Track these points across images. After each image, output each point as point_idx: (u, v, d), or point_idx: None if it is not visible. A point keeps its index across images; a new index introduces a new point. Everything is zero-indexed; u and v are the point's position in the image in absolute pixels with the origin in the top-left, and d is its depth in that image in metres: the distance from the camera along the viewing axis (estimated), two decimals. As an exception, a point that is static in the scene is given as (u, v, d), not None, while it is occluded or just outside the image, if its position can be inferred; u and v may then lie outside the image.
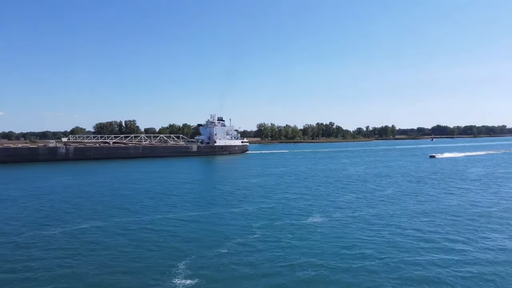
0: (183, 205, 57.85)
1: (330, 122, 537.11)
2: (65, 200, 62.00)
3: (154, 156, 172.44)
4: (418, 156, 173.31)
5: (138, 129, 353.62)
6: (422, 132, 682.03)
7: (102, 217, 49.33)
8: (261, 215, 50.14)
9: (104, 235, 41.11)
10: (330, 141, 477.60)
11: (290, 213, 51.27)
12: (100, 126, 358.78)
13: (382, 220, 46.70)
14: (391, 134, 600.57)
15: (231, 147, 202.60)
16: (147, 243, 38.03)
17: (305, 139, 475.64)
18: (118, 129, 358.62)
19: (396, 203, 57.62)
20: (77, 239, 39.66)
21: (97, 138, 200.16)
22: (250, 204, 57.96)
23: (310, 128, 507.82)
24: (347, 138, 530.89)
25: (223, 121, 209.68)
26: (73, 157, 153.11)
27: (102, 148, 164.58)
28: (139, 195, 67.34)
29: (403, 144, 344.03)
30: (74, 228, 44.02)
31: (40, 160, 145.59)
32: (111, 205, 58.04)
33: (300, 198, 62.35)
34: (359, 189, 71.63)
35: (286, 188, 73.72)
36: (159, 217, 49.16)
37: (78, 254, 34.79)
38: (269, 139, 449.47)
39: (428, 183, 78.45)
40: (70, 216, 50.14)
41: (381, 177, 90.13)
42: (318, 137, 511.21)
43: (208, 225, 45.34)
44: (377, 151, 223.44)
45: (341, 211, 52.27)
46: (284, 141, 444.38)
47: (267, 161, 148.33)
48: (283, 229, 42.87)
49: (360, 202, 58.45)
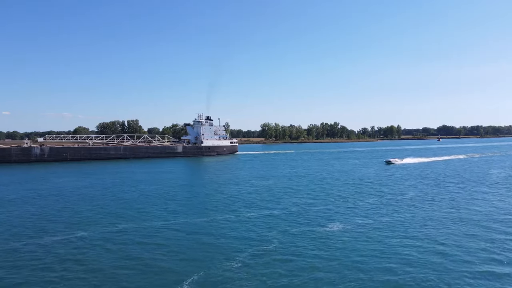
0: (180, 211, 53.61)
1: (335, 122, 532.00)
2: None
3: (136, 157, 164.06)
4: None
5: (141, 129, 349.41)
6: (428, 132, 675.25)
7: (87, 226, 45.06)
8: (274, 221, 45.83)
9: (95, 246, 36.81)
10: (335, 141, 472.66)
11: (307, 219, 46.97)
12: (103, 126, 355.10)
13: (409, 227, 42.13)
14: (397, 134, 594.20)
15: (219, 148, 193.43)
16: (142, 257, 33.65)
17: (310, 139, 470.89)
18: (121, 128, 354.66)
19: (422, 208, 53.01)
20: (53, 252, 35.34)
21: (86, 138, 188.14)
22: (259, 209, 53.59)
23: (315, 128, 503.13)
24: (352, 138, 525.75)
25: (211, 120, 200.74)
26: (48, 158, 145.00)
27: (80, 149, 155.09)
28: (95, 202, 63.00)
29: (410, 145, 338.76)
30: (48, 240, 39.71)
31: (12, 161, 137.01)
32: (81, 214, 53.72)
33: (314, 203, 58.00)
34: (375, 192, 67.05)
35: (296, 192, 69.30)
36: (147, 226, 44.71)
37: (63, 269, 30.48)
38: (273, 139, 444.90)
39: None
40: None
41: (398, 180, 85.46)
42: (322, 137, 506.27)
43: (214, 234, 40.97)
44: (386, 152, 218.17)
45: (362, 217, 47.78)
46: (288, 141, 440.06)
47: (258, 163, 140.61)
48: (302, 238, 38.66)
49: (378, 207, 53.86)
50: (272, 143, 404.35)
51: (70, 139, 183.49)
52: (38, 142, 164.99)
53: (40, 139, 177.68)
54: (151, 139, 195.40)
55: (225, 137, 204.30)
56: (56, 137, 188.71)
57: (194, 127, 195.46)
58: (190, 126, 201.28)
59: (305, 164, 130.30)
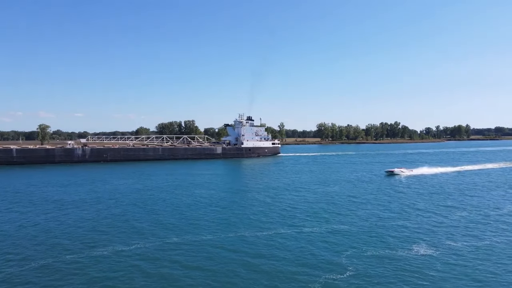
0: (234, 223, 48.67)
1: (395, 122, 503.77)
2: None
3: (175, 158, 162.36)
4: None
5: (197, 129, 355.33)
6: (502, 132, 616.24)
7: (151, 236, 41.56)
8: (343, 240, 39.50)
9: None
10: (396, 141, 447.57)
11: (382, 238, 40.07)
12: (162, 126, 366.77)
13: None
14: (465, 134, 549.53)
15: (260, 149, 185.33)
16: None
17: (368, 140, 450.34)
18: (178, 129, 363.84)
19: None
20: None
21: (123, 140, 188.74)
22: (323, 223, 47.35)
23: (373, 128, 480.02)
24: (415, 138, 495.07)
25: (252, 121, 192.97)
26: (89, 159, 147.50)
27: (120, 149, 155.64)
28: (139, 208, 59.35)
29: (483, 146, 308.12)
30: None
31: (56, 162, 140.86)
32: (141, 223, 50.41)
33: (387, 217, 50.50)
34: (465, 205, 57.56)
35: (364, 203, 61.72)
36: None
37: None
38: (329, 139, 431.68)
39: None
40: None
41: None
42: (382, 138, 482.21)
43: (267, 255, 35.49)
44: (461, 154, 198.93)
45: (455, 237, 39.64)
46: (345, 142, 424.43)
47: (310, 167, 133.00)
48: (381, 263, 32.06)
49: (470, 226, 45.04)
50: (328, 144, 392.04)
51: (118, 140, 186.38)
52: (81, 143, 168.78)
53: (83, 140, 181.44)
54: (190, 140, 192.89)
55: (266, 138, 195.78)
56: (98, 138, 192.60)
57: (235, 127, 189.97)
58: (230, 126, 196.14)
59: (368, 168, 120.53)
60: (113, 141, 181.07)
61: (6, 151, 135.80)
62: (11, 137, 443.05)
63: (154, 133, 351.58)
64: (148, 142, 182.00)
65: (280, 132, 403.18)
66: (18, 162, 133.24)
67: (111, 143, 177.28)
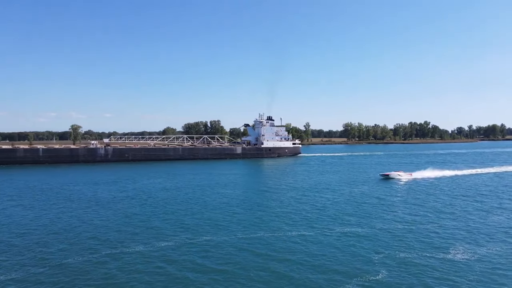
0: (268, 221, 48.39)
1: (425, 121, 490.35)
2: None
3: (195, 158, 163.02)
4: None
5: (222, 129, 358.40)
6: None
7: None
8: (374, 241, 38.40)
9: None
10: (426, 142, 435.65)
11: (417, 239, 38.68)
12: (188, 126, 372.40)
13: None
14: (500, 134, 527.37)
15: (280, 149, 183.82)
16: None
17: (396, 140, 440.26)
18: (204, 129, 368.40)
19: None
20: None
21: (147, 139, 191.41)
22: (347, 225, 46.34)
23: (402, 128, 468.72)
24: (446, 138, 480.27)
25: (273, 120, 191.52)
26: (112, 158, 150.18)
27: (141, 149, 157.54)
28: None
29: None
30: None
31: (80, 161, 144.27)
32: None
33: (420, 217, 48.94)
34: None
35: (395, 204, 60.27)
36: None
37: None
38: (356, 139, 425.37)
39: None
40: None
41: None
42: (411, 138, 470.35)
43: (296, 260, 34.72)
44: (495, 155, 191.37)
45: (490, 240, 38.07)
46: (372, 142, 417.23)
47: (332, 167, 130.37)
48: (418, 267, 31.02)
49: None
50: (355, 144, 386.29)
51: (140, 140, 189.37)
52: (104, 143, 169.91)
53: (106, 140, 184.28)
54: (210, 140, 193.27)
55: (287, 138, 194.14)
56: (120, 138, 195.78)
57: (255, 127, 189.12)
58: (250, 126, 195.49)
59: (397, 169, 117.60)
60: (134, 141, 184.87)
61: (33, 151, 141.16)
62: (45, 137, 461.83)
63: (181, 133, 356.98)
64: (169, 142, 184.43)
65: (306, 132, 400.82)
66: (44, 161, 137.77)
67: (133, 143, 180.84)
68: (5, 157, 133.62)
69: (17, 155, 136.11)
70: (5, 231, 43.06)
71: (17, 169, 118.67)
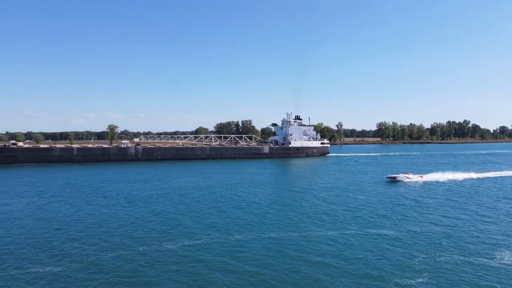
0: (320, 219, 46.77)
1: (465, 120, 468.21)
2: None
3: (222, 158, 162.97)
4: None
5: (254, 129, 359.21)
6: None
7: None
8: (410, 243, 36.10)
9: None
10: (465, 141, 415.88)
11: (456, 243, 36.08)
12: (220, 126, 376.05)
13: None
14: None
15: (308, 149, 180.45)
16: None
17: (434, 140, 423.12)
18: (236, 128, 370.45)
19: None
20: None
21: (180, 139, 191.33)
22: (384, 225, 43.69)
23: (439, 127, 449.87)
24: (487, 138, 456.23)
25: (301, 120, 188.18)
26: (142, 157, 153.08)
27: (169, 149, 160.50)
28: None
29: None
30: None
31: (111, 160, 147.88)
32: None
33: (459, 221, 45.54)
34: None
35: (438, 206, 56.74)
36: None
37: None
38: (390, 139, 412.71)
39: None
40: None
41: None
42: (449, 137, 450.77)
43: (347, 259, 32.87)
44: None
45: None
46: (408, 142, 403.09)
47: (366, 166, 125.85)
48: (457, 272, 28.67)
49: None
50: (389, 144, 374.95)
51: (169, 139, 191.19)
52: (134, 143, 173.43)
53: (136, 139, 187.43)
54: (238, 139, 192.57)
55: (315, 138, 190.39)
56: (150, 137, 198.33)
57: (282, 127, 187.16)
58: (278, 126, 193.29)
59: (437, 169, 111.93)
60: (163, 141, 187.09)
61: (68, 150, 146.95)
62: (85, 136, 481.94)
63: (213, 132, 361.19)
64: (197, 142, 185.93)
65: (338, 131, 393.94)
66: (78, 160, 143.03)
67: (162, 142, 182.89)
68: (43, 155, 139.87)
69: (54, 154, 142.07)
70: (46, 226, 44.72)
71: (55, 167, 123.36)
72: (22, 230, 42.50)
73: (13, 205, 57.84)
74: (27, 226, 44.58)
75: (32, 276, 29.11)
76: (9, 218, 48.78)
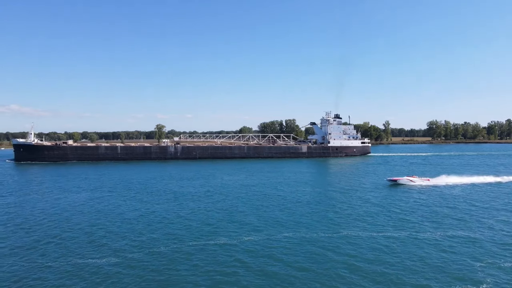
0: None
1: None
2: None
3: (259, 157, 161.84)
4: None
5: (297, 128, 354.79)
6: None
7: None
8: (467, 247, 34.51)
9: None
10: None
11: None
12: (264, 126, 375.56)
13: None
14: None
15: (348, 149, 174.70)
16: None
17: (491, 139, 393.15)
18: (279, 128, 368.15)
19: None
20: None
21: (218, 138, 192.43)
22: (436, 228, 41.03)
23: (498, 126, 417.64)
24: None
25: (340, 119, 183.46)
26: (181, 156, 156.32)
27: (208, 147, 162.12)
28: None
29: None
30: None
31: (152, 158, 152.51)
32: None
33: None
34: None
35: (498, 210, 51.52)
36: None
37: None
38: (442, 138, 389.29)
39: None
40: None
41: None
42: (508, 137, 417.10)
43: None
44: None
45: None
46: (461, 141, 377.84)
47: (415, 167, 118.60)
48: None
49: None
50: (440, 143, 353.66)
51: (208, 138, 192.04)
52: (174, 141, 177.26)
53: (176, 138, 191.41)
54: (275, 138, 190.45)
55: (355, 137, 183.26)
56: (192, 136, 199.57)
57: (321, 126, 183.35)
58: (316, 125, 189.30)
59: (493, 171, 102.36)
60: (202, 140, 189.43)
61: (112, 148, 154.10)
62: (134, 136, 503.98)
63: (256, 132, 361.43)
64: (235, 141, 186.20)
65: (385, 131, 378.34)
66: (122, 158, 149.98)
67: (201, 141, 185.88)
68: (90, 154, 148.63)
69: (99, 152, 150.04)
70: (105, 220, 47.62)
71: (101, 164, 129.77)
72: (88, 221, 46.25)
73: (77, 199, 62.74)
74: (94, 218, 48.14)
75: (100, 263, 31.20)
76: (74, 212, 52.40)
